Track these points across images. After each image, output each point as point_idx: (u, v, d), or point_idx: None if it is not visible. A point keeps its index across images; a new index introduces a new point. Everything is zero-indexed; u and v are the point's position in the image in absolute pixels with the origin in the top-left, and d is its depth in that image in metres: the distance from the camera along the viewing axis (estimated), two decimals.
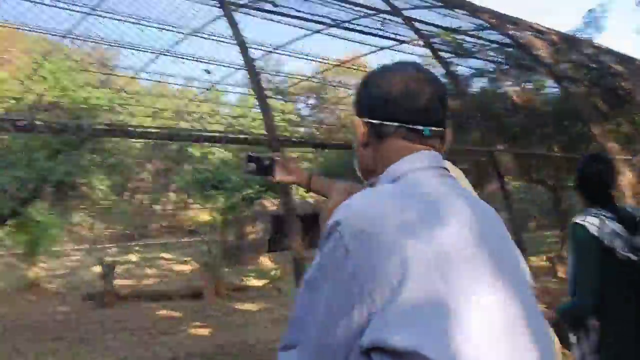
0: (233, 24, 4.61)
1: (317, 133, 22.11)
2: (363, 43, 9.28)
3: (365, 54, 12.59)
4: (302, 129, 21.85)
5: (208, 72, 8.05)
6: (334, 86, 20.00)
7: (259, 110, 4.78)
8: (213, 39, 10.68)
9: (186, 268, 13.88)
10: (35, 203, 8.32)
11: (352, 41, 9.14)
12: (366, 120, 1.07)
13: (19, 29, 11.40)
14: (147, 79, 15.28)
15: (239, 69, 12.43)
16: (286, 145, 4.19)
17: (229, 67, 12.05)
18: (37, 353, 6.72)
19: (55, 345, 7.12)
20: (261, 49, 12.11)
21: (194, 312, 9.04)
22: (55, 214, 10.18)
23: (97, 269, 10.82)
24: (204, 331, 7.69)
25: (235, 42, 4.77)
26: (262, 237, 14.50)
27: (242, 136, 3.74)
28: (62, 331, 7.94)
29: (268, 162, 1.86)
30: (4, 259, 12.46)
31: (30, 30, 11.42)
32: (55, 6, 9.45)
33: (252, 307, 9.31)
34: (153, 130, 3.07)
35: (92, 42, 13.64)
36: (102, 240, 17.72)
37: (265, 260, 14.01)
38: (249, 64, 4.69)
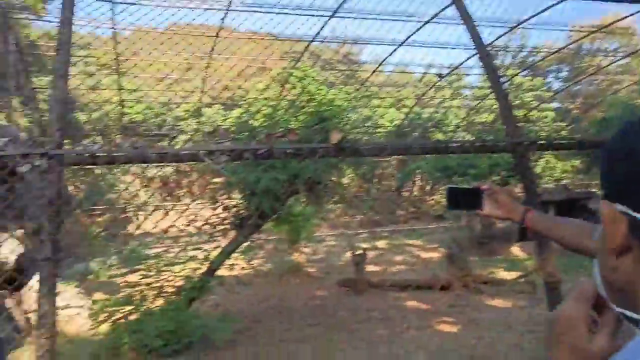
0: (463, 13, 4.31)
1: (572, 108, 19.98)
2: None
3: (632, 14, 10.85)
4: (553, 104, 20.01)
5: (440, 75, 7.77)
6: (591, 55, 17.81)
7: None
8: (444, 23, 10.36)
9: (433, 255, 13.84)
10: (291, 199, 9.15)
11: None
12: (628, 212, 0.66)
13: (274, 38, 12.62)
14: (389, 71, 15.69)
15: (471, 52, 11.84)
16: (533, 150, 3.72)
17: (465, 49, 11.57)
18: (297, 338, 7.35)
19: (313, 331, 7.70)
20: (503, 26, 11.35)
21: (442, 304, 8.94)
22: (310, 207, 11.05)
23: (349, 254, 11.38)
24: (452, 328, 7.52)
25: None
26: (512, 225, 13.67)
27: (477, 144, 3.43)
28: (319, 317, 8.58)
29: (474, 194, 1.62)
30: (271, 244, 13.99)
31: (283, 39, 12.57)
32: (301, 14, 10.20)
33: (502, 304, 8.82)
34: (382, 147, 3.00)
35: (337, 42, 14.41)
36: (353, 227, 18.76)
37: (517, 251, 13.19)
38: (480, 48, 4.34)
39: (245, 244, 8.89)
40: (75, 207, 17.50)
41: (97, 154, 2.56)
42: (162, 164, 2.54)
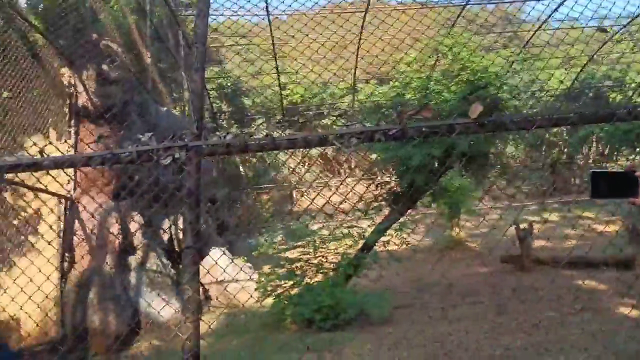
0: None
1: None
2: None
3: None
4: None
5: (603, 30, 6.82)
6: None
7: None
8: None
9: (612, 229, 12.48)
10: (446, 173, 8.84)
11: None
12: None
13: (425, 7, 12.17)
14: (554, 28, 14.29)
15: None
16: None
17: None
18: (454, 317, 7.09)
19: (472, 310, 7.38)
20: None
21: (621, 285, 8.00)
22: (468, 179, 10.60)
23: (514, 228, 10.65)
24: (632, 313, 6.70)
25: None
26: None
27: None
28: (479, 295, 8.21)
29: (627, 179, 1.32)
30: (430, 219, 13.68)
31: (435, 7, 12.05)
32: None
33: None
34: (531, 119, 2.67)
35: (493, 2, 13.46)
36: (519, 199, 17.63)
37: None
38: None
39: (402, 220, 8.80)
40: (245, 187, 18.81)
41: (231, 144, 2.63)
42: (292, 149, 2.54)
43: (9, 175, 4.13)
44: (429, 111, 2.84)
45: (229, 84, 17.93)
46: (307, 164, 20.32)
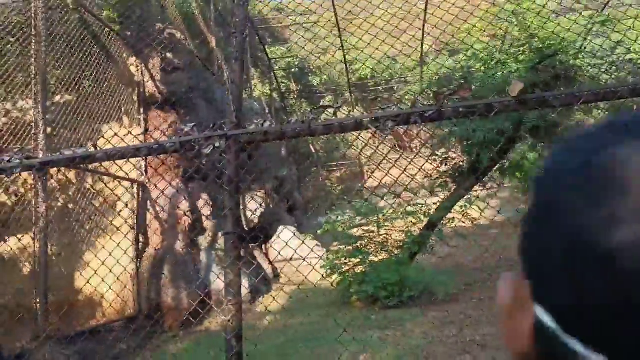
0: None
1: None
2: None
3: None
4: None
5: None
6: None
7: None
8: None
9: None
10: (513, 148, 8.52)
11: None
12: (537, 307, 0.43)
13: None
14: None
15: None
16: None
17: None
18: None
19: None
20: None
21: None
22: (540, 152, 10.16)
23: None
24: None
25: None
26: None
27: None
28: None
29: None
30: (504, 193, 13.25)
31: None
32: None
33: None
34: (575, 95, 2.52)
35: None
36: None
37: None
38: None
39: (468, 196, 8.60)
40: (315, 164, 18.99)
41: (269, 131, 2.68)
42: (328, 134, 2.53)
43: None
44: (467, 91, 2.75)
45: (295, 63, 18.04)
46: (379, 141, 20.14)
